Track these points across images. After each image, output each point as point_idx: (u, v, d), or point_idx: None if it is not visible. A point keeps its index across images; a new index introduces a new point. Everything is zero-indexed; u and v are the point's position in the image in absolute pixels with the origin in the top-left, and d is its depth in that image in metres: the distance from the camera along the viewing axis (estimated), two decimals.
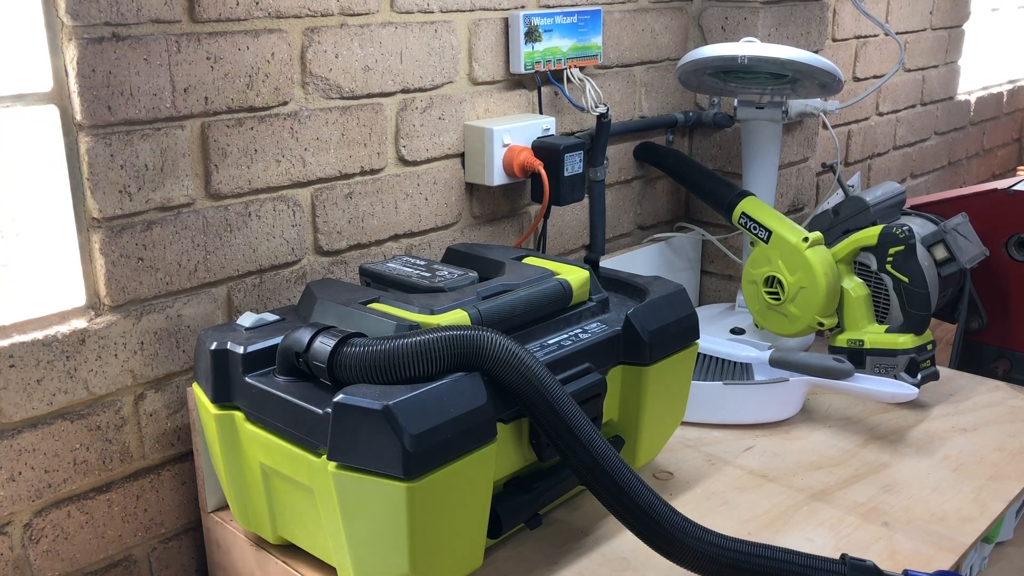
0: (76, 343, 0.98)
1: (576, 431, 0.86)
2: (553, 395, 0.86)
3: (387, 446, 0.79)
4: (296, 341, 0.89)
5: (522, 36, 1.34)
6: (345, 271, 1.23)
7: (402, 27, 1.22)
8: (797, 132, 1.74)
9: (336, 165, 1.18)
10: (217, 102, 1.05)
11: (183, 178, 1.04)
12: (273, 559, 0.99)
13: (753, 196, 1.45)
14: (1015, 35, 3.11)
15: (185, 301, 1.07)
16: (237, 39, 1.05)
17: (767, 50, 1.34)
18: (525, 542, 1.02)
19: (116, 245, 1.00)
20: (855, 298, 1.36)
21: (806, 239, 1.35)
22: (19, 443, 0.96)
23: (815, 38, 1.72)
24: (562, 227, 1.52)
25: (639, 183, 1.66)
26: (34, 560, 0.99)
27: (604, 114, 1.43)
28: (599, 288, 1.08)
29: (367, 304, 0.95)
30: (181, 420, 1.09)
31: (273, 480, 0.93)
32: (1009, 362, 1.66)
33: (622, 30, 1.54)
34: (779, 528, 1.05)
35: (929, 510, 1.09)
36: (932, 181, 2.68)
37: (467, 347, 0.85)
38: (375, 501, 0.81)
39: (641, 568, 0.98)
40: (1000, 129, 3.06)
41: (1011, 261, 1.62)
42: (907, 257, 1.33)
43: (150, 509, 1.09)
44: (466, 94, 1.32)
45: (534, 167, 1.32)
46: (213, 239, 1.08)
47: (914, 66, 2.44)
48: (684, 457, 1.21)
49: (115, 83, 0.96)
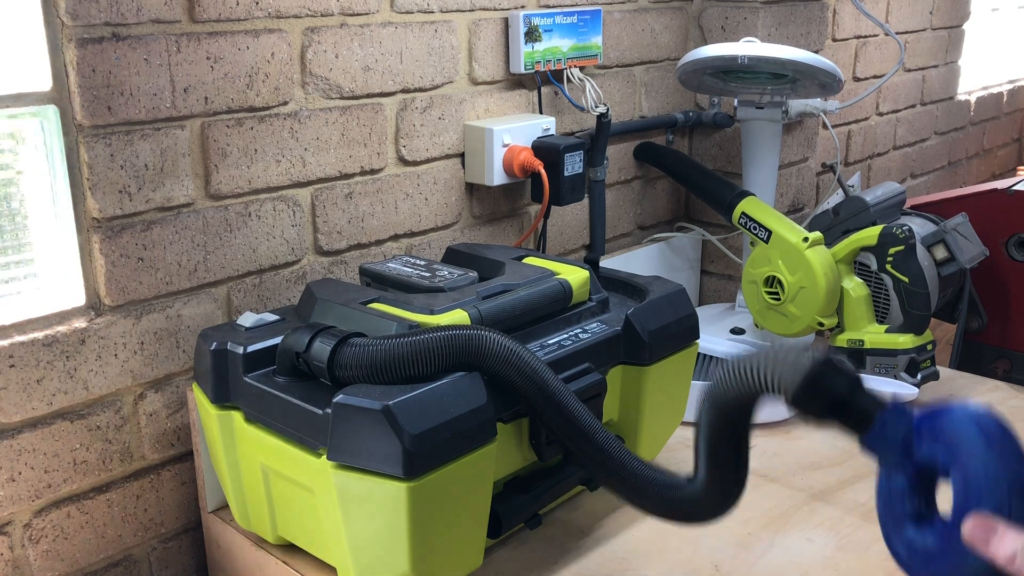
0: (76, 343, 0.98)
1: (580, 425, 0.86)
2: (555, 390, 0.85)
3: (387, 446, 0.79)
4: (296, 341, 0.89)
5: (522, 36, 1.34)
6: (345, 271, 1.23)
7: (402, 27, 1.22)
8: (797, 132, 1.74)
9: (336, 165, 1.18)
10: (217, 102, 1.05)
11: (183, 178, 1.04)
12: (273, 559, 0.99)
13: (753, 196, 1.45)
14: (1015, 35, 3.11)
15: (185, 301, 1.07)
16: (237, 39, 1.05)
17: (767, 50, 1.34)
18: (525, 542, 1.02)
19: (116, 245, 1.00)
20: (855, 298, 1.36)
21: (806, 239, 1.35)
22: (19, 443, 0.96)
23: (815, 38, 1.72)
24: (562, 227, 1.52)
25: (639, 183, 1.66)
26: (34, 560, 0.99)
27: (604, 114, 1.43)
28: (599, 288, 1.08)
29: (367, 304, 0.95)
30: (181, 420, 1.09)
31: (273, 480, 0.93)
32: (1009, 362, 1.66)
33: (622, 30, 1.54)
34: (779, 528, 1.05)
35: None
36: (932, 181, 2.68)
37: (467, 347, 0.85)
38: (375, 501, 0.81)
39: (641, 568, 0.98)
40: (1000, 129, 3.06)
41: (1011, 261, 1.62)
42: (907, 257, 1.33)
43: (150, 509, 1.09)
44: (466, 94, 1.32)
45: (534, 167, 1.32)
46: (213, 239, 1.08)
47: (914, 66, 2.44)
48: (684, 457, 1.21)
49: (115, 83, 0.96)
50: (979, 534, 0.54)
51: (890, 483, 0.63)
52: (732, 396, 0.70)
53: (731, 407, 0.71)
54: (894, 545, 0.63)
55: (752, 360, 0.68)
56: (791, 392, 0.65)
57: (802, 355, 0.66)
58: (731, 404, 0.71)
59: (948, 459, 0.59)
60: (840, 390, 0.64)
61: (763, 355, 0.67)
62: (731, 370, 0.69)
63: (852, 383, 0.64)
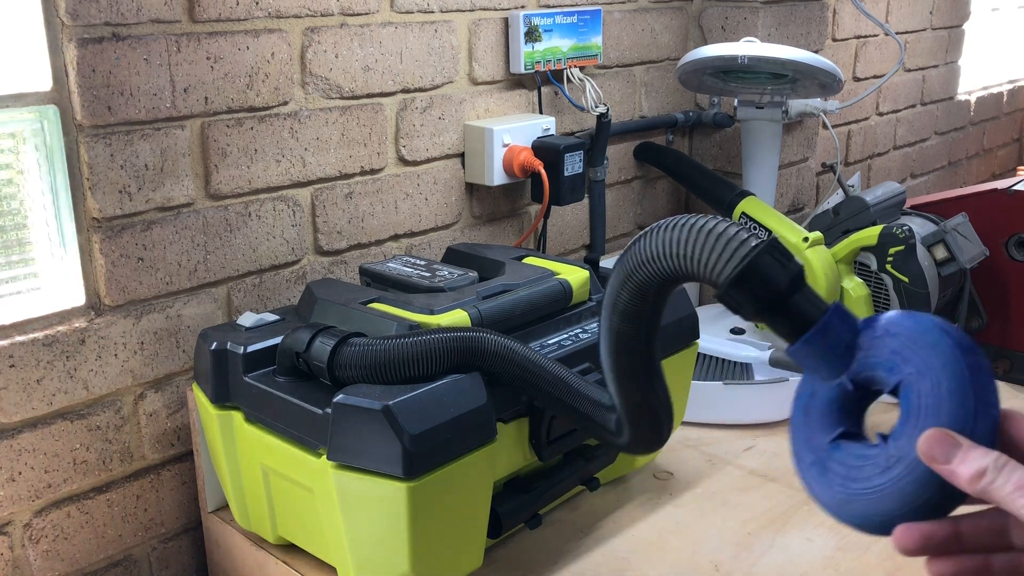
0: (76, 343, 0.98)
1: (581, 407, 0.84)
2: (555, 376, 0.85)
3: (387, 446, 0.79)
4: (296, 341, 0.89)
5: (522, 36, 1.34)
6: (345, 271, 1.23)
7: (402, 27, 1.22)
8: (797, 132, 1.74)
9: (336, 165, 1.18)
10: (217, 102, 1.05)
11: (183, 178, 1.04)
12: (273, 559, 0.99)
13: (753, 196, 1.45)
14: (1015, 35, 3.11)
15: (185, 301, 1.07)
16: (237, 39, 1.05)
17: (767, 50, 1.34)
18: (525, 542, 1.02)
19: (116, 245, 1.00)
20: (855, 298, 1.36)
21: (806, 239, 1.35)
22: (19, 443, 0.96)
23: (815, 38, 1.72)
24: (562, 227, 1.52)
25: (639, 183, 1.66)
26: (34, 560, 0.99)
27: (604, 114, 1.43)
28: (599, 288, 1.08)
29: (367, 304, 0.95)
30: (181, 420, 1.09)
31: (273, 480, 0.93)
32: (1009, 362, 1.66)
33: (622, 30, 1.54)
34: (779, 528, 1.05)
35: None
36: (932, 181, 2.68)
37: (467, 346, 0.85)
38: (375, 501, 0.81)
39: (641, 568, 0.98)
40: (1000, 129, 3.06)
41: (1011, 261, 1.62)
42: (907, 257, 1.33)
43: (150, 509, 1.08)
44: (466, 94, 1.32)
45: (534, 167, 1.32)
46: (213, 239, 1.08)
47: (914, 66, 2.44)
48: (684, 457, 1.21)
49: (115, 83, 0.96)
50: (939, 450, 0.47)
51: (815, 397, 0.55)
52: (645, 278, 0.60)
53: (644, 295, 0.61)
54: (813, 468, 0.54)
55: (677, 234, 0.57)
56: (723, 280, 0.55)
57: (740, 235, 0.56)
58: (644, 290, 0.61)
59: (904, 366, 0.51)
60: (780, 284, 0.55)
61: (693, 230, 0.57)
62: (650, 244, 0.59)
63: (794, 277, 0.55)
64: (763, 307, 0.55)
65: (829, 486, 0.53)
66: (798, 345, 0.55)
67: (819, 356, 0.55)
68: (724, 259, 0.55)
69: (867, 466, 0.51)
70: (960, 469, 0.47)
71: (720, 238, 0.56)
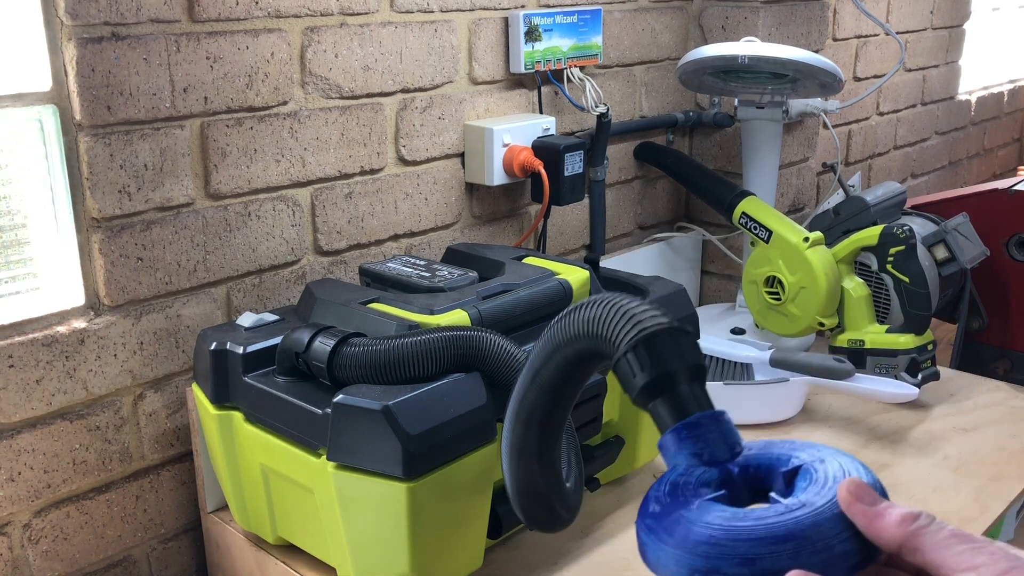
0: (75, 343, 0.98)
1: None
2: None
3: (387, 446, 0.79)
4: (296, 341, 0.88)
5: (522, 36, 1.33)
6: (345, 271, 1.23)
7: (402, 27, 1.22)
8: (797, 132, 1.74)
9: (336, 165, 1.18)
10: (217, 102, 1.05)
11: (183, 178, 1.04)
12: (273, 559, 0.98)
13: (753, 196, 1.45)
14: (1015, 35, 3.11)
15: (185, 301, 1.07)
16: (237, 39, 1.05)
17: (767, 50, 1.34)
18: (525, 542, 1.02)
19: (116, 245, 0.99)
20: (856, 298, 1.36)
21: (806, 239, 1.35)
22: (18, 443, 0.96)
23: (815, 38, 1.72)
24: (562, 227, 1.52)
25: (639, 183, 1.66)
26: (33, 560, 0.99)
27: (604, 114, 1.43)
28: (599, 288, 1.08)
29: (367, 304, 0.95)
30: (181, 420, 1.09)
31: (273, 480, 0.93)
32: (1010, 362, 1.65)
33: (622, 30, 1.53)
34: None
35: (930, 510, 1.08)
36: (932, 181, 2.68)
37: (467, 347, 0.84)
38: (375, 501, 0.81)
39: (641, 568, 0.98)
40: (1000, 129, 3.06)
41: (1012, 261, 1.62)
42: (908, 257, 1.33)
43: (149, 509, 1.08)
44: (466, 94, 1.32)
45: (534, 167, 1.32)
46: (213, 239, 1.08)
47: (914, 66, 2.44)
48: None
49: (115, 83, 0.96)
50: (866, 493, 0.46)
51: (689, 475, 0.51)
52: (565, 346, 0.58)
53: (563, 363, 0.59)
54: (664, 520, 0.50)
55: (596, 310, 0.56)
56: (620, 346, 0.53)
57: (650, 311, 0.54)
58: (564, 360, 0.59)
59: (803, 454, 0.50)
60: (674, 365, 0.53)
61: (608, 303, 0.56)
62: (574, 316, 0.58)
63: (693, 366, 0.53)
64: (654, 383, 0.53)
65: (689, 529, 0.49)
66: (669, 434, 0.53)
67: (690, 448, 0.52)
68: (631, 327, 0.54)
69: (756, 511, 0.47)
70: (889, 511, 0.45)
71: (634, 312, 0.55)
